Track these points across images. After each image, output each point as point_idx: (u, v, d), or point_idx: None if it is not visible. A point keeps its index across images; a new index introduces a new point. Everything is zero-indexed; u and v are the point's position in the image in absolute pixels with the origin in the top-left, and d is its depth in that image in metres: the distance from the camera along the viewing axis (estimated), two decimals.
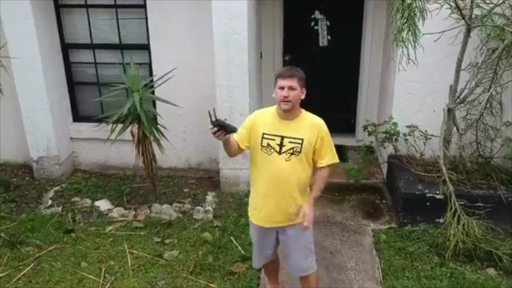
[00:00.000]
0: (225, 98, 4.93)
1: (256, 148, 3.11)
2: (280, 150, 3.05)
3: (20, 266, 4.19)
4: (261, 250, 3.45)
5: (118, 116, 4.53)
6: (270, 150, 3.07)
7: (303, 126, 3.07)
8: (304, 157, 3.07)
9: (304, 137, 3.04)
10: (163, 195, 5.22)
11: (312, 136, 3.05)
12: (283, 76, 3.00)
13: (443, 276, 4.00)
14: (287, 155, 3.05)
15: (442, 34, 4.16)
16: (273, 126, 3.08)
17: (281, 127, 3.07)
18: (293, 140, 3.04)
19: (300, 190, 3.15)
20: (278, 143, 3.05)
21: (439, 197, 4.46)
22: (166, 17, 5.10)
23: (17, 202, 5.21)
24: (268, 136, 3.07)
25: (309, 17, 5.92)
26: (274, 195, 3.13)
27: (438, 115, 4.72)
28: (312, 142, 3.06)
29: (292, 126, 3.06)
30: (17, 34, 4.94)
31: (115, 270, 4.14)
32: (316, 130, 3.06)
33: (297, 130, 3.05)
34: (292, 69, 3.07)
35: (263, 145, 3.08)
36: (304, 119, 3.10)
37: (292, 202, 3.14)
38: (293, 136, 3.04)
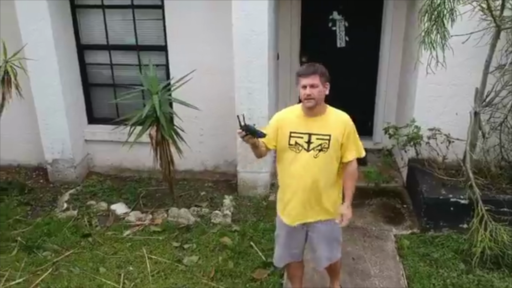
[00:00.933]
0: (244, 100, 4.86)
1: (284, 147, 3.12)
2: (308, 147, 3.07)
3: (38, 271, 4.13)
4: (288, 249, 3.42)
5: (138, 118, 4.45)
6: (298, 148, 3.08)
7: (330, 122, 3.08)
8: (332, 153, 3.08)
9: (331, 133, 3.05)
10: (179, 198, 5.15)
11: (339, 131, 3.06)
12: (304, 74, 2.99)
13: (470, 283, 3.91)
14: (315, 152, 3.06)
15: (470, 35, 4.06)
16: (299, 124, 3.08)
17: (307, 124, 3.07)
18: (320, 136, 3.05)
19: (331, 185, 3.17)
20: (306, 141, 3.06)
21: (463, 202, 4.37)
22: (184, 18, 5.03)
23: (32, 205, 5.16)
24: (295, 134, 3.07)
25: (327, 18, 5.83)
26: (304, 192, 3.14)
27: (461, 118, 4.64)
28: (339, 138, 3.07)
29: (319, 122, 3.07)
30: (33, 35, 4.88)
31: (135, 276, 4.07)
32: (342, 125, 3.08)
33: (324, 127, 3.06)
34: (312, 66, 3.04)
35: (291, 143, 3.08)
36: (330, 115, 3.11)
37: (323, 198, 3.16)
38: (320, 132, 3.05)
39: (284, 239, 3.39)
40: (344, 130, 3.07)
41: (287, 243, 3.40)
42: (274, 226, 4.59)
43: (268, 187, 5.28)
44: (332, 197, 3.22)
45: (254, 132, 2.88)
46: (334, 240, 3.39)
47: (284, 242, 3.40)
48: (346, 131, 3.08)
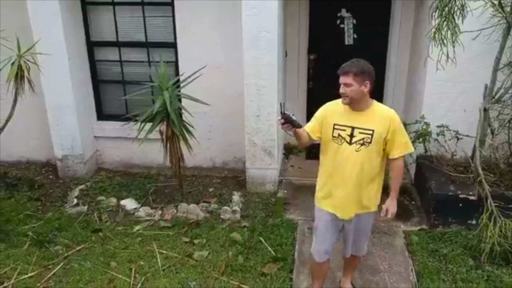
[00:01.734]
0: (253, 96, 4.88)
1: (328, 138, 3.17)
2: (350, 140, 3.10)
3: (50, 265, 4.16)
4: (328, 238, 3.41)
5: (148, 114, 4.48)
6: (341, 141, 3.12)
7: (374, 117, 3.09)
8: (374, 148, 3.10)
9: (374, 128, 3.06)
10: (188, 194, 5.18)
11: (383, 127, 3.07)
12: (340, 72, 3.05)
13: (479, 279, 3.93)
14: (357, 146, 3.09)
15: (480, 32, 4.08)
16: (344, 117, 3.12)
17: (351, 118, 3.10)
18: (363, 131, 3.07)
19: (371, 179, 3.20)
20: (348, 134, 3.10)
21: (472, 198, 4.39)
22: (194, 15, 5.06)
23: (42, 200, 5.19)
24: (339, 126, 3.12)
25: (335, 15, 5.84)
26: (345, 184, 3.18)
27: (470, 114, 4.65)
28: (383, 134, 3.08)
29: (363, 117, 3.09)
30: (44, 31, 4.90)
31: (145, 270, 4.10)
32: (387, 121, 3.08)
33: (367, 121, 3.08)
34: (350, 64, 3.05)
35: (334, 135, 3.14)
36: (376, 110, 3.13)
37: (362, 192, 3.21)
38: (363, 127, 3.07)
39: (324, 226, 3.39)
40: (389, 126, 3.08)
41: (326, 232, 3.40)
42: (282, 222, 4.71)
43: (277, 183, 5.30)
44: (371, 192, 3.26)
45: (292, 121, 2.93)
46: (364, 235, 3.48)
47: (324, 230, 3.40)
48: (392, 127, 3.09)
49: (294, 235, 4.53)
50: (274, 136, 5.02)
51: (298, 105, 6.10)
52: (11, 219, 4.76)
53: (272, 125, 4.98)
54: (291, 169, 5.78)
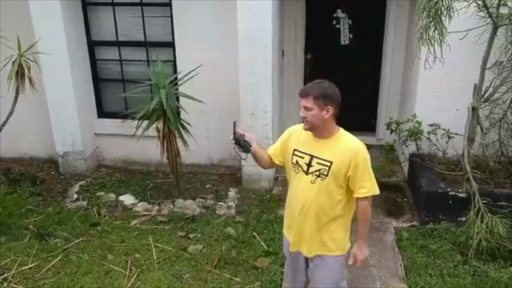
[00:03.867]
0: (248, 95, 4.99)
1: (288, 164, 2.93)
2: (307, 170, 2.82)
3: (49, 257, 4.29)
4: (293, 274, 3.23)
5: (145, 112, 4.60)
6: (298, 169, 2.85)
7: (336, 148, 2.77)
8: (331, 182, 2.78)
9: (333, 160, 2.75)
10: (185, 190, 5.30)
11: (343, 160, 2.74)
12: (300, 94, 2.75)
13: (466, 274, 4.01)
14: (313, 177, 2.80)
15: (468, 32, 4.16)
16: (304, 144, 2.85)
17: (312, 145, 2.82)
18: (321, 161, 2.78)
19: (333, 218, 2.88)
20: (306, 162, 2.82)
21: (462, 195, 4.47)
22: (191, 15, 5.17)
23: (43, 195, 5.33)
24: (298, 153, 2.86)
25: (331, 16, 5.94)
26: (299, 217, 2.92)
27: (461, 114, 4.71)
28: (343, 168, 2.74)
29: (324, 146, 2.79)
30: (45, 31, 5.04)
31: (141, 263, 4.22)
32: (349, 155, 2.74)
33: (327, 151, 2.78)
34: (311, 86, 2.75)
35: (293, 162, 2.87)
36: (339, 140, 2.81)
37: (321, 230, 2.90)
38: (322, 157, 2.78)
39: (288, 258, 3.22)
40: (351, 160, 2.73)
41: (291, 266, 3.21)
42: (276, 217, 4.82)
43: (272, 180, 5.41)
44: (334, 233, 2.92)
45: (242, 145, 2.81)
46: (332, 284, 3.04)
47: (289, 262, 3.23)
48: (353, 162, 2.73)
49: None
50: (269, 134, 5.12)
51: (295, 104, 6.20)
52: (13, 213, 4.90)
53: (267, 123, 5.09)
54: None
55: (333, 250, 2.97)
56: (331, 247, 2.95)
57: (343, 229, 2.97)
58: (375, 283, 3.99)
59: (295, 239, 3.02)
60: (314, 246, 2.96)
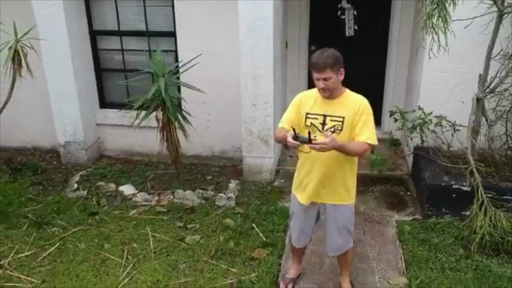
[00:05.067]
0: (249, 85, 4.93)
1: (300, 128, 3.16)
2: (322, 128, 3.12)
3: (46, 245, 4.29)
4: (302, 228, 3.48)
5: (143, 101, 4.56)
6: (313, 129, 3.11)
7: (345, 105, 3.09)
8: (346, 135, 3.09)
9: (345, 115, 3.07)
10: (186, 181, 5.26)
11: (353, 113, 3.06)
12: (316, 67, 2.99)
13: (468, 268, 3.91)
14: (328, 133, 3.05)
15: (472, 20, 4.04)
16: (315, 106, 3.15)
17: (323, 106, 3.12)
18: (334, 118, 3.09)
19: (344, 169, 3.20)
20: (320, 122, 3.12)
21: (465, 189, 4.36)
22: (192, 4, 5.11)
23: (44, 185, 5.32)
24: (311, 115, 3.15)
25: (336, 7, 5.84)
26: (318, 172, 3.20)
27: (467, 106, 4.59)
28: (353, 119, 3.07)
29: (335, 105, 3.10)
30: (46, 19, 5.03)
31: (138, 252, 4.19)
32: (357, 106, 3.07)
33: (338, 108, 3.09)
34: (323, 57, 2.97)
35: (307, 124, 3.15)
36: (347, 98, 3.13)
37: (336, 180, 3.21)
38: (334, 114, 3.09)
39: (298, 216, 3.46)
40: (358, 110, 3.05)
41: (301, 222, 3.46)
42: (276, 209, 4.75)
43: (274, 172, 5.34)
44: (346, 182, 3.25)
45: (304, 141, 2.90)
46: (344, 228, 3.41)
47: (298, 220, 3.47)
48: (359, 112, 3.05)
49: (286, 223, 4.55)
50: (271, 125, 5.06)
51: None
52: (12, 202, 4.91)
53: (269, 114, 5.02)
54: (289, 159, 5.79)
55: (346, 199, 3.31)
56: (345, 196, 3.29)
57: (353, 178, 3.30)
58: (374, 276, 3.91)
59: (313, 191, 3.27)
60: (330, 196, 3.27)
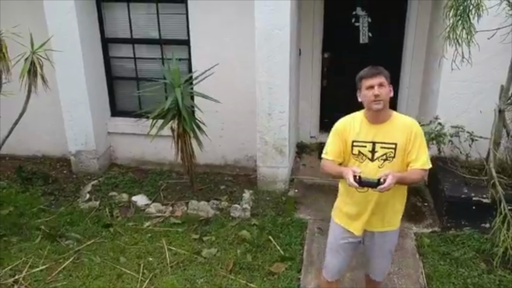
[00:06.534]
0: (264, 95, 4.86)
1: (347, 157, 2.96)
2: (372, 157, 2.88)
3: (60, 259, 4.22)
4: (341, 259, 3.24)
5: (160, 111, 4.50)
6: (362, 158, 2.90)
7: (396, 129, 2.84)
8: (399, 162, 2.86)
9: (397, 141, 2.83)
10: (199, 191, 5.19)
11: (404, 138, 2.82)
12: (370, 75, 2.79)
13: (491, 283, 3.86)
14: (379, 162, 2.86)
15: (496, 31, 3.99)
16: (362, 132, 2.89)
17: (371, 132, 2.87)
18: (385, 145, 2.85)
19: (395, 196, 2.98)
20: (369, 150, 2.87)
21: (486, 201, 4.31)
22: (207, 12, 5.05)
23: (55, 195, 5.25)
24: (358, 143, 2.90)
25: (350, 14, 5.78)
26: (370, 204, 2.96)
27: (485, 116, 4.56)
28: (405, 145, 2.83)
29: (383, 129, 2.85)
30: (59, 28, 4.96)
31: (154, 267, 4.13)
32: (408, 130, 2.83)
33: (389, 134, 2.84)
34: (375, 67, 2.85)
35: (354, 153, 2.91)
36: (396, 120, 2.88)
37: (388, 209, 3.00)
38: (385, 140, 2.84)
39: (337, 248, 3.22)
40: (410, 135, 2.81)
41: (339, 253, 3.22)
42: (292, 221, 4.69)
43: (288, 182, 5.28)
44: (397, 210, 3.06)
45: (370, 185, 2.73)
46: (389, 252, 3.25)
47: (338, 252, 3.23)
48: (413, 135, 2.82)
49: (303, 235, 4.51)
50: (286, 135, 4.99)
51: (311, 103, 6.07)
52: (24, 213, 4.84)
53: (284, 124, 4.95)
54: (303, 168, 5.75)
55: (395, 224, 3.11)
56: (394, 223, 3.10)
57: (403, 202, 3.10)
58: None
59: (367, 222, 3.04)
60: (380, 223, 3.06)
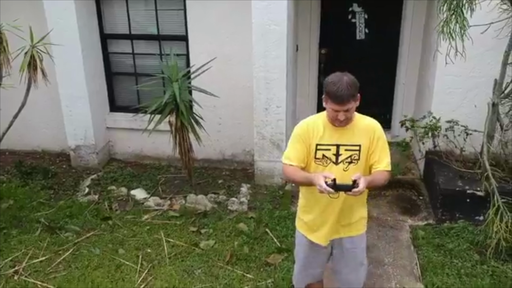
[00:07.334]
0: (261, 90, 4.92)
1: (309, 161, 2.85)
2: (336, 160, 2.80)
3: (60, 251, 4.28)
4: (309, 268, 3.20)
5: (157, 105, 4.55)
6: (326, 161, 2.81)
7: (359, 130, 2.79)
8: (363, 165, 2.81)
9: (361, 142, 2.78)
10: (197, 185, 5.25)
11: (367, 139, 2.78)
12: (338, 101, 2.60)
13: (484, 274, 3.92)
14: (344, 165, 2.79)
15: (489, 26, 4.05)
16: (326, 135, 2.79)
17: (334, 134, 2.78)
18: (350, 147, 2.78)
19: (361, 200, 2.93)
20: (334, 153, 2.79)
21: (480, 194, 4.37)
22: (205, 8, 5.10)
23: (55, 189, 5.31)
24: (322, 146, 2.80)
25: (346, 10, 5.83)
26: (334, 210, 2.88)
27: (479, 110, 4.62)
28: (369, 147, 2.79)
29: (347, 132, 2.78)
30: (58, 23, 5.01)
31: (152, 258, 4.18)
32: (371, 130, 2.79)
33: (353, 136, 2.78)
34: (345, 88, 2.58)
35: (318, 157, 2.82)
36: (359, 122, 2.81)
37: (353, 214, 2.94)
38: (349, 143, 2.78)
39: (305, 257, 3.16)
40: (373, 135, 2.78)
41: (308, 262, 3.17)
42: (289, 214, 4.73)
43: None
44: (362, 213, 3.01)
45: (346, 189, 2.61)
46: (360, 264, 3.15)
47: (305, 261, 3.17)
48: (376, 136, 2.78)
49: None
50: (283, 129, 5.05)
51: (309, 99, 6.13)
52: (24, 206, 4.90)
53: (281, 118, 5.01)
54: None
55: (362, 228, 3.06)
56: (360, 227, 3.05)
57: (365, 205, 3.06)
58: (390, 282, 3.91)
59: (329, 231, 2.96)
60: (347, 230, 3.00)
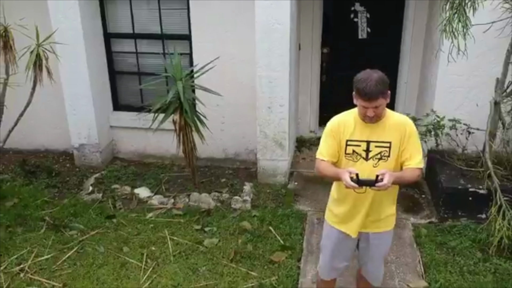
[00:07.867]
0: (265, 88, 4.94)
1: (341, 157, 2.91)
2: (366, 156, 2.84)
3: (65, 249, 4.30)
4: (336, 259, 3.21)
5: (161, 104, 4.58)
6: (356, 157, 2.85)
7: (390, 127, 2.80)
8: (393, 161, 2.82)
9: (391, 139, 2.80)
10: (201, 184, 5.27)
11: (398, 136, 2.79)
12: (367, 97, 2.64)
13: (487, 271, 3.94)
14: (374, 161, 2.82)
15: (491, 25, 4.07)
16: (356, 131, 2.84)
17: (365, 131, 2.82)
18: (380, 144, 2.81)
19: (391, 196, 2.97)
20: (364, 149, 2.83)
21: (482, 192, 4.39)
22: (208, 7, 5.12)
23: (59, 188, 5.33)
24: (352, 142, 2.85)
25: (348, 9, 5.85)
26: (363, 205, 2.93)
27: (481, 109, 4.64)
28: (399, 143, 2.80)
29: (378, 128, 2.80)
30: (62, 22, 5.04)
31: (157, 256, 4.21)
32: (402, 128, 2.80)
33: (383, 133, 2.80)
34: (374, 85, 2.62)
35: (348, 152, 2.87)
36: (390, 119, 2.83)
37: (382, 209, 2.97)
38: (380, 139, 2.81)
39: (332, 249, 3.18)
40: (405, 132, 2.78)
41: (335, 255, 3.19)
42: (292, 212, 4.76)
43: (288, 175, 5.36)
44: (391, 209, 3.04)
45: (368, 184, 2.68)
46: (382, 256, 3.26)
47: (332, 253, 3.19)
48: (407, 134, 2.79)
49: (303, 225, 4.60)
50: (286, 128, 5.07)
51: (311, 98, 6.15)
52: (28, 205, 4.92)
53: (284, 117, 5.03)
54: (302, 162, 5.82)
55: (390, 225, 3.10)
56: (389, 223, 3.09)
57: (395, 205, 3.08)
58: (393, 279, 3.94)
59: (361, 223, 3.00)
60: (375, 224, 3.04)
